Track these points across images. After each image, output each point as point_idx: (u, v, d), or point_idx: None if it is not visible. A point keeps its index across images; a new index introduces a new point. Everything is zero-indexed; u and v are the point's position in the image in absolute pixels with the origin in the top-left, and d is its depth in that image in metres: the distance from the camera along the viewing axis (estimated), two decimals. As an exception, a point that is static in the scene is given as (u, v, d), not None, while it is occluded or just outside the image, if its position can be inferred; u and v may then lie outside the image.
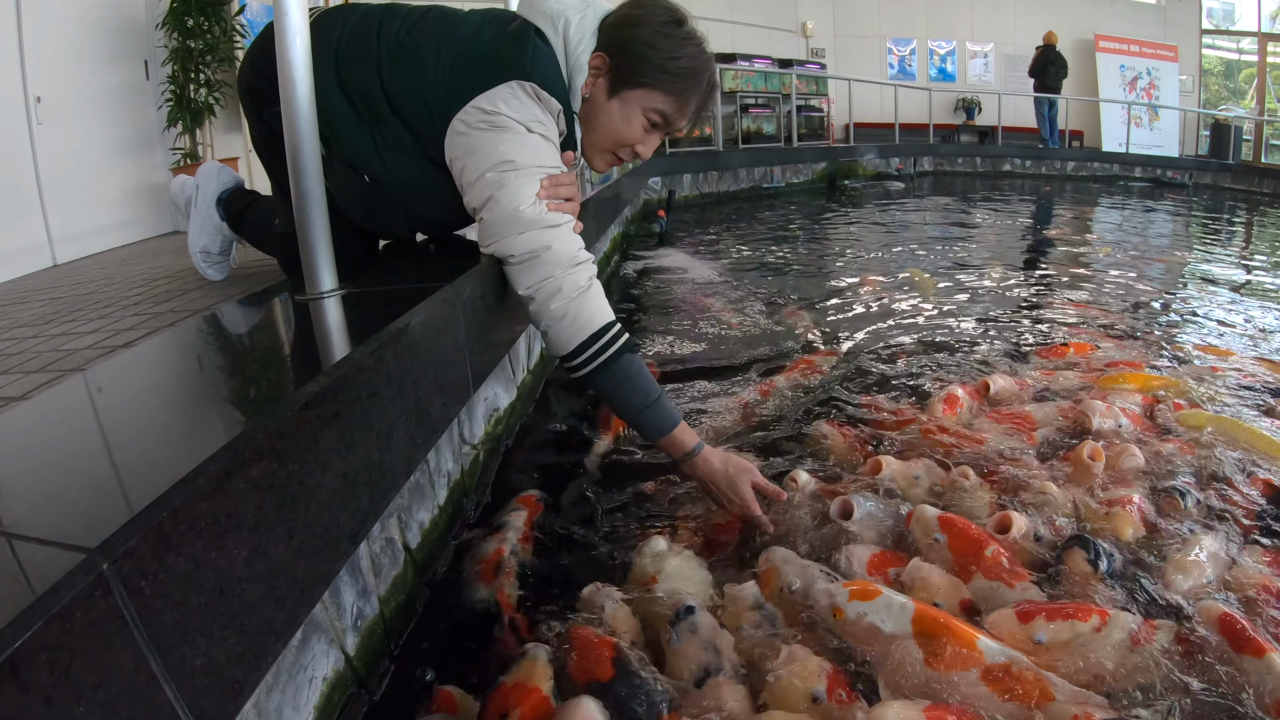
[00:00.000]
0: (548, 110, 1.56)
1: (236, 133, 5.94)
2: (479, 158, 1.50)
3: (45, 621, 0.52)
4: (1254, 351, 2.75)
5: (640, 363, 1.57)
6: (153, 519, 0.63)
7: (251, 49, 1.86)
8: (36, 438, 0.95)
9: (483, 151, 1.50)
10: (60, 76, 4.50)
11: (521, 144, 1.50)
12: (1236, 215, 9.07)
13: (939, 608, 1.22)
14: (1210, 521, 1.54)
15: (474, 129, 1.51)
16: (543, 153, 1.54)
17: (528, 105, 1.53)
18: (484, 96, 1.52)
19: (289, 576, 0.80)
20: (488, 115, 1.51)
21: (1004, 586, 1.32)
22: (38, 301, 3.01)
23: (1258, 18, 16.75)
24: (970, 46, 16.43)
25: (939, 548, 1.41)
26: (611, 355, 1.50)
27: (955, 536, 1.40)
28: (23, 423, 1.01)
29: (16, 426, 0.99)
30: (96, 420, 1.01)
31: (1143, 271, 4.69)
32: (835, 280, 4.42)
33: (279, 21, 1.34)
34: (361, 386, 1.02)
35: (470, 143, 1.52)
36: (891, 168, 12.56)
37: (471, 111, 1.52)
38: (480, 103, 1.52)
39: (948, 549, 1.39)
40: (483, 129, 1.51)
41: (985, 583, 1.33)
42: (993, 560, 1.35)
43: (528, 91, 1.53)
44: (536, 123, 1.53)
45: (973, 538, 1.39)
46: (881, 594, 1.19)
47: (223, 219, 2.32)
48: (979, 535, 1.40)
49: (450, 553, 1.56)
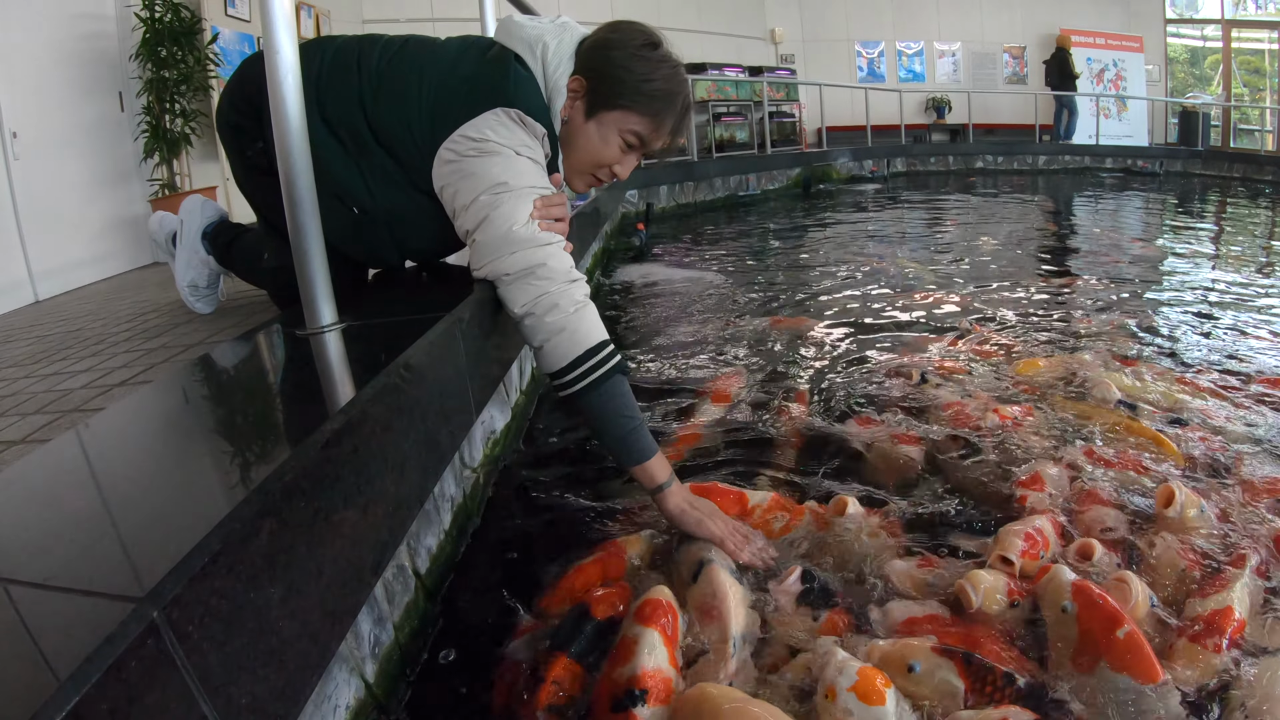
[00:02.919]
0: (533, 135, 1.58)
1: (214, 161, 5.93)
2: (472, 182, 1.52)
3: (104, 673, 0.54)
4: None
5: (628, 385, 1.56)
6: (195, 564, 0.65)
7: (229, 86, 1.86)
8: (57, 486, 0.96)
9: (476, 176, 1.52)
10: (35, 111, 4.49)
11: (512, 167, 1.53)
12: (1207, 201, 9.23)
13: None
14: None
15: (464, 156, 1.54)
16: (534, 174, 1.56)
17: (514, 131, 1.56)
18: (470, 125, 1.55)
19: (320, 611, 0.82)
20: (476, 142, 1.53)
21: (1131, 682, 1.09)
22: (24, 340, 2.99)
23: (1220, 4, 16.94)
24: (938, 46, 16.56)
25: (1065, 620, 1.20)
26: (605, 373, 1.49)
27: (1087, 608, 1.18)
28: (41, 470, 1.02)
29: (35, 474, 1.01)
30: (116, 466, 1.02)
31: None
32: (818, 287, 4.45)
33: (270, 59, 1.35)
34: (376, 421, 1.05)
35: (462, 168, 1.54)
36: (865, 170, 12.63)
37: (459, 140, 1.54)
38: (467, 131, 1.54)
39: (1075, 623, 1.18)
40: (473, 155, 1.53)
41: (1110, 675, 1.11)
42: (1125, 643, 1.13)
43: (512, 117, 1.55)
44: (524, 146, 1.56)
45: (1108, 614, 1.16)
46: (886, 704, 1.03)
47: (209, 253, 2.33)
48: (1114, 613, 1.16)
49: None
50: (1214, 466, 1.80)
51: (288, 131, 1.39)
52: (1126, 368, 2.53)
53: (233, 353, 1.57)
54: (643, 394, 2.66)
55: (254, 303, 2.66)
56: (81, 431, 1.15)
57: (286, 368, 1.40)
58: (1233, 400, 2.23)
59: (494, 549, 1.71)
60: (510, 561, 1.64)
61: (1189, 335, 3.06)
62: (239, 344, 1.60)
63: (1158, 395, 2.24)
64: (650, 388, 2.69)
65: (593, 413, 1.53)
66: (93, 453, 1.07)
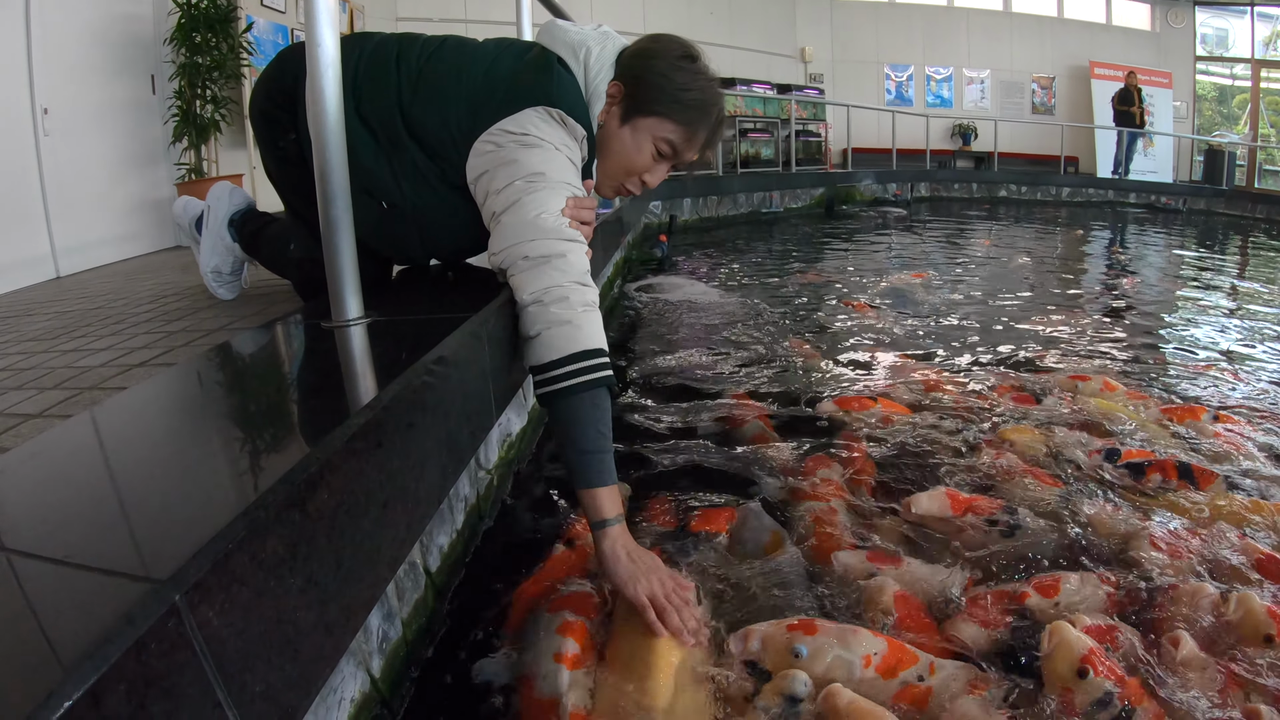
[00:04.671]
0: (573, 135, 1.60)
1: (241, 149, 5.97)
2: (510, 169, 1.52)
3: (123, 653, 0.54)
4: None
5: (609, 405, 1.46)
6: (219, 550, 0.65)
7: (265, 76, 1.87)
8: (78, 463, 0.96)
9: (515, 163, 1.52)
10: (67, 88, 4.53)
11: (552, 160, 1.53)
12: (1229, 240, 9.17)
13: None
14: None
15: (504, 146, 1.54)
16: (571, 172, 1.57)
17: (555, 129, 1.57)
18: (511, 119, 1.56)
19: (337, 604, 0.82)
20: (517, 135, 1.54)
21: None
22: (44, 315, 3.01)
23: (1251, 44, 16.92)
24: (967, 73, 16.59)
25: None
26: (591, 380, 1.40)
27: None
28: (61, 446, 1.02)
29: (56, 450, 1.01)
30: (137, 447, 1.02)
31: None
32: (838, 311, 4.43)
33: (310, 52, 1.36)
34: (401, 417, 1.04)
35: (501, 156, 1.54)
36: (889, 193, 12.61)
37: (499, 132, 1.56)
38: (508, 125, 1.55)
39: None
40: (514, 146, 1.54)
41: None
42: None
43: (554, 116, 1.57)
44: (565, 145, 1.57)
45: None
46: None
47: (234, 240, 2.34)
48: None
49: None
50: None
51: (324, 125, 1.39)
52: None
53: (257, 341, 1.57)
54: (656, 394, 2.69)
55: (276, 291, 2.67)
56: (103, 410, 1.16)
57: (310, 359, 1.39)
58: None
59: (503, 552, 1.71)
60: (518, 565, 1.63)
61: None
62: (263, 332, 1.60)
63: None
64: (664, 391, 2.71)
65: (568, 418, 1.42)
66: (114, 432, 1.07)
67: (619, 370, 2.81)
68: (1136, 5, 17.06)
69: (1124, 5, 17.02)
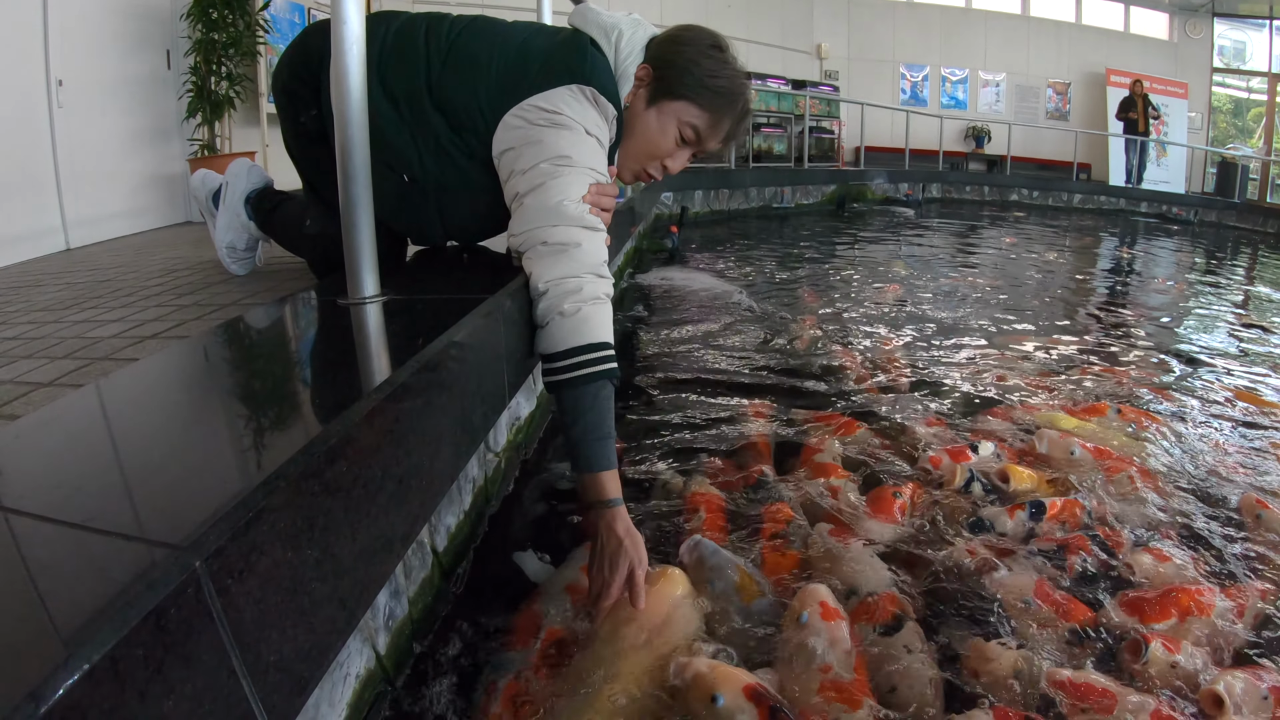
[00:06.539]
0: (604, 115, 1.60)
1: (255, 127, 5.97)
2: (537, 149, 1.52)
3: (143, 618, 0.54)
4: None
5: (612, 396, 1.48)
6: (239, 518, 0.65)
7: (290, 51, 1.88)
8: (93, 431, 0.96)
9: (543, 144, 1.52)
10: (82, 61, 4.53)
11: (580, 144, 1.54)
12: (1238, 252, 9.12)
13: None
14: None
15: (533, 124, 1.55)
16: (597, 157, 1.58)
17: (587, 109, 1.57)
18: (543, 96, 1.56)
19: (351, 577, 0.82)
20: (548, 113, 1.54)
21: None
22: (54, 286, 3.01)
23: (1269, 57, 16.84)
24: (983, 75, 16.51)
25: None
26: (597, 373, 1.43)
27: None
28: (75, 413, 1.02)
29: (71, 416, 1.00)
30: (152, 415, 1.02)
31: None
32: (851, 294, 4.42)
33: (336, 29, 1.36)
34: (419, 395, 1.04)
35: (530, 134, 1.55)
36: (900, 193, 12.56)
37: (530, 109, 1.56)
38: (539, 101, 1.56)
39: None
40: (543, 125, 1.54)
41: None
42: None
43: (586, 95, 1.57)
44: (595, 126, 1.58)
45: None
46: None
47: (250, 218, 2.34)
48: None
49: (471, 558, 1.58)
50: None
51: (348, 102, 1.39)
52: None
53: (271, 316, 1.57)
54: (664, 386, 2.67)
55: (289, 269, 2.66)
56: (116, 379, 1.16)
57: (326, 335, 1.39)
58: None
59: (509, 534, 1.71)
60: (522, 548, 1.62)
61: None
62: (277, 307, 1.60)
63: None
64: (668, 384, 2.71)
65: (574, 406, 1.45)
66: (128, 401, 1.07)
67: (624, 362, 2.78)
68: (1155, 14, 16.95)
69: (1142, 14, 16.90)
